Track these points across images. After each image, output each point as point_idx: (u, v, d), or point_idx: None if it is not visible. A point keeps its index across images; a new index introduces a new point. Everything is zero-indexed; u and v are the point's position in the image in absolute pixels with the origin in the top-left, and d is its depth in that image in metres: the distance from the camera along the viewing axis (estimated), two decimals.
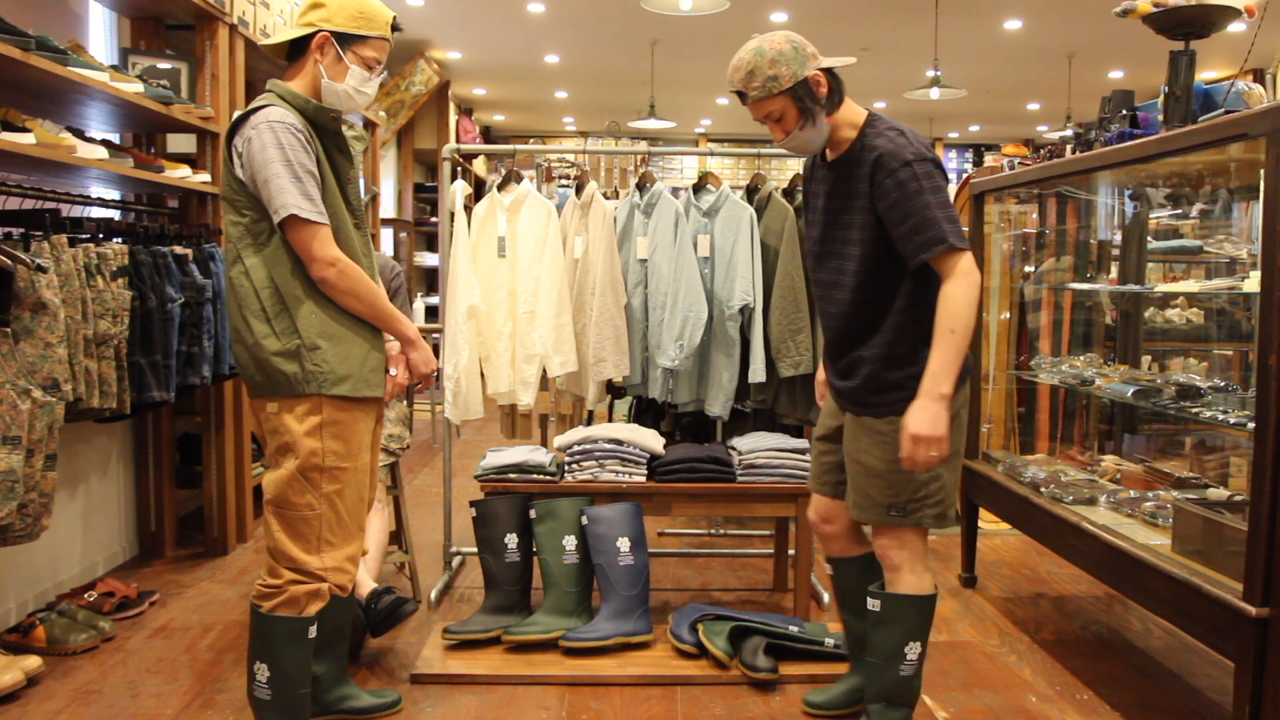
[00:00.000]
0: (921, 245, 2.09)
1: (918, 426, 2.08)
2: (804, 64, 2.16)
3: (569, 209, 3.67)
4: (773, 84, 2.15)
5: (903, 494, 2.23)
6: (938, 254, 2.08)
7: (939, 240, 2.07)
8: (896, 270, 2.20)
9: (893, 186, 2.11)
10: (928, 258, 2.09)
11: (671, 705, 2.69)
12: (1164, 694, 2.81)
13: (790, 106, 2.18)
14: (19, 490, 2.49)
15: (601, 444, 3.21)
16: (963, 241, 2.08)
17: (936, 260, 2.09)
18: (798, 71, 2.15)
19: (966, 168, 13.32)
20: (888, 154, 2.13)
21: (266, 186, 2.10)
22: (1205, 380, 3.00)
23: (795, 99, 2.16)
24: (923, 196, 2.09)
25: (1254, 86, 2.86)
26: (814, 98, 2.16)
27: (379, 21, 2.25)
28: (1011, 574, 3.91)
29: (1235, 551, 2.25)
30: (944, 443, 2.09)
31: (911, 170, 2.10)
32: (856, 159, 2.20)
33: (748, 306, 3.46)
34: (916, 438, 2.08)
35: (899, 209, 2.11)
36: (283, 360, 2.15)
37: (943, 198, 2.11)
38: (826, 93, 2.18)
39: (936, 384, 2.08)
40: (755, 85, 2.17)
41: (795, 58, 2.15)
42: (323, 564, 2.23)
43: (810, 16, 7.50)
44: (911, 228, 2.09)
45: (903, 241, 2.12)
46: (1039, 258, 4.27)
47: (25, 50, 2.62)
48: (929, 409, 2.08)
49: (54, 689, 2.73)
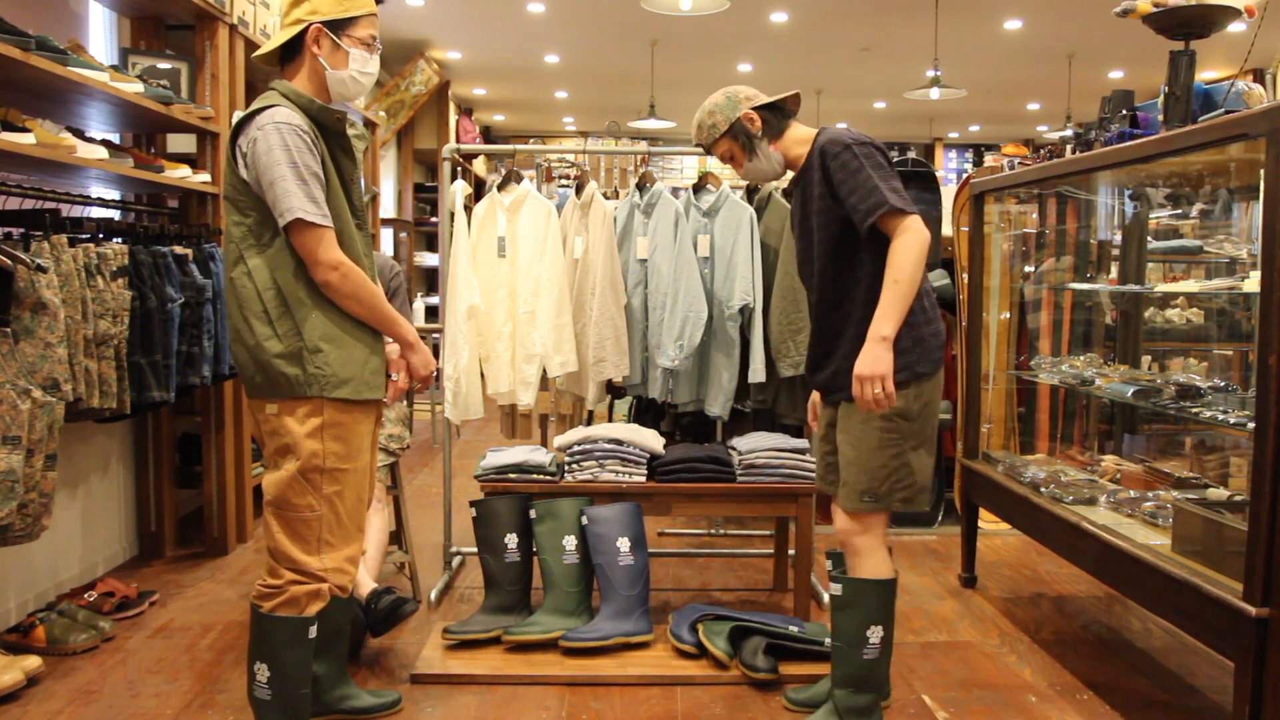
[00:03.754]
0: (867, 211, 2.30)
1: (860, 367, 2.25)
2: (736, 108, 2.50)
3: (569, 209, 3.67)
4: (713, 130, 2.53)
5: (875, 480, 2.37)
6: (882, 214, 2.28)
7: (881, 203, 2.28)
8: (857, 255, 2.39)
9: (838, 168, 2.35)
10: (874, 220, 2.29)
11: (671, 705, 2.69)
12: (1164, 694, 2.81)
13: (733, 145, 2.53)
14: (19, 490, 2.49)
15: (601, 444, 3.21)
16: (905, 204, 2.29)
17: (882, 222, 2.29)
18: (730, 115, 2.50)
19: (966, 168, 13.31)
20: (829, 143, 2.38)
21: (272, 189, 2.09)
22: (1205, 380, 3.00)
23: (733, 137, 2.52)
24: (864, 170, 2.32)
25: (1254, 86, 2.86)
26: (748, 133, 2.50)
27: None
28: (1011, 574, 3.91)
29: (1235, 551, 2.25)
30: (887, 380, 2.23)
31: (851, 151, 2.34)
32: (810, 163, 2.47)
33: (748, 306, 3.46)
34: (860, 377, 2.25)
35: (845, 185, 2.34)
36: (284, 362, 2.15)
37: (884, 172, 2.33)
38: (761, 125, 2.50)
39: (879, 327, 2.25)
40: (703, 135, 2.56)
41: (727, 105, 2.51)
42: (322, 564, 2.23)
43: (810, 16, 7.50)
44: (859, 199, 2.31)
45: (854, 213, 2.33)
46: (1039, 258, 4.27)
47: (25, 50, 2.62)
48: (870, 350, 2.25)
49: (54, 689, 2.73)
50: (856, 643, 2.40)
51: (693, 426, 3.95)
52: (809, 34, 8.06)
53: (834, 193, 2.37)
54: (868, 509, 2.38)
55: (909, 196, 2.35)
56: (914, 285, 2.26)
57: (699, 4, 6.04)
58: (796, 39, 8.20)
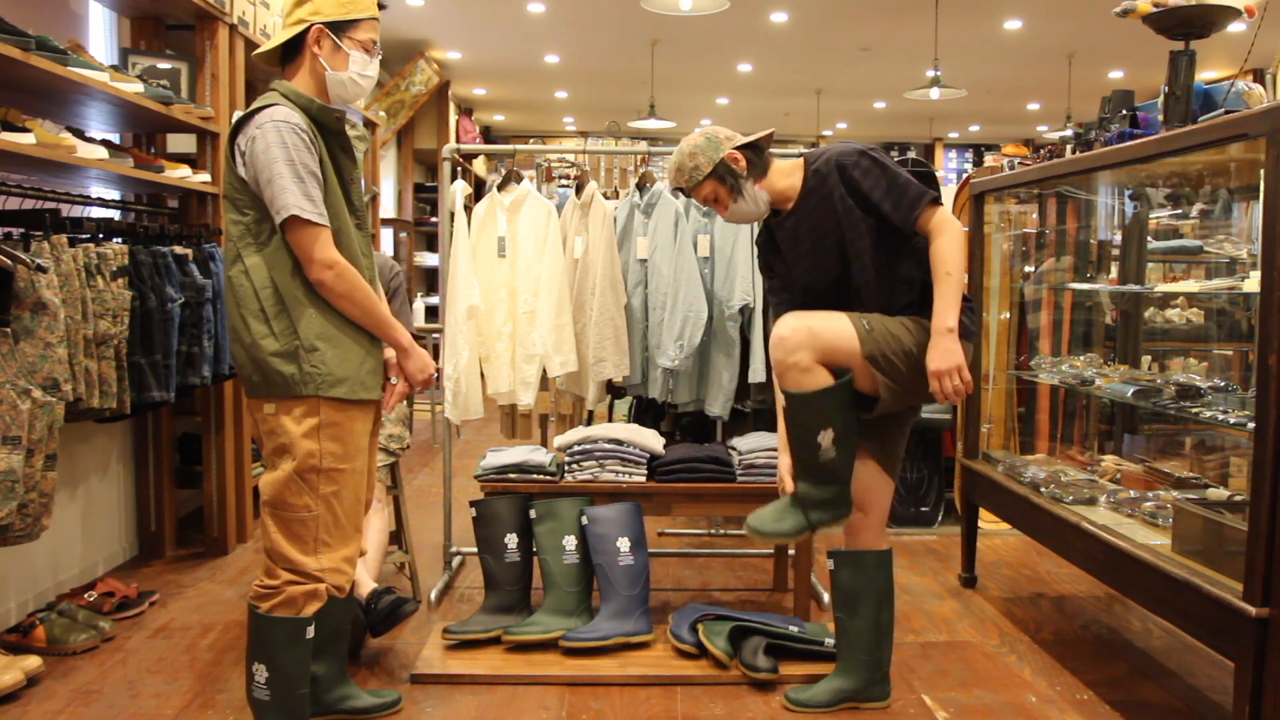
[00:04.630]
0: (909, 207, 2.37)
1: (936, 362, 2.31)
2: (718, 149, 2.49)
3: (569, 209, 3.67)
4: (695, 173, 2.51)
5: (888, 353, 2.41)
6: (923, 208, 2.36)
7: (919, 196, 2.36)
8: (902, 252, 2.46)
9: (861, 175, 2.40)
10: (919, 214, 2.36)
11: (671, 705, 2.69)
12: (1164, 694, 2.81)
13: (718, 186, 2.51)
14: (19, 490, 2.49)
15: (601, 444, 3.21)
16: (934, 196, 2.39)
17: (922, 217, 2.37)
18: (713, 156, 2.48)
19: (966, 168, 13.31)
20: (841, 156, 2.43)
21: (269, 186, 2.10)
22: (1205, 380, 3.00)
23: (719, 179, 2.50)
24: (888, 170, 2.39)
25: (1254, 86, 2.86)
26: (733, 174, 2.49)
27: (365, 2, 2.25)
28: (1011, 574, 3.91)
29: (1235, 551, 2.25)
30: (964, 370, 2.31)
31: (869, 158, 2.41)
32: (816, 185, 2.48)
33: (747, 306, 3.46)
34: (938, 372, 2.30)
35: (877, 190, 2.39)
36: (280, 361, 2.15)
37: (899, 169, 2.42)
38: (745, 166, 2.49)
39: (943, 320, 2.32)
40: (684, 178, 2.53)
41: (709, 146, 2.49)
42: (320, 565, 2.23)
43: (810, 16, 7.50)
44: (895, 199, 2.38)
45: (894, 211, 2.39)
46: (1039, 258, 4.27)
47: (25, 50, 2.62)
48: (940, 344, 2.32)
49: (54, 689, 2.73)
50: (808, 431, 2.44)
51: (693, 426, 3.95)
52: (809, 34, 8.06)
53: (863, 202, 2.40)
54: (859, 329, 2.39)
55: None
56: (964, 275, 2.38)
57: (699, 4, 6.04)
58: (796, 39, 8.20)
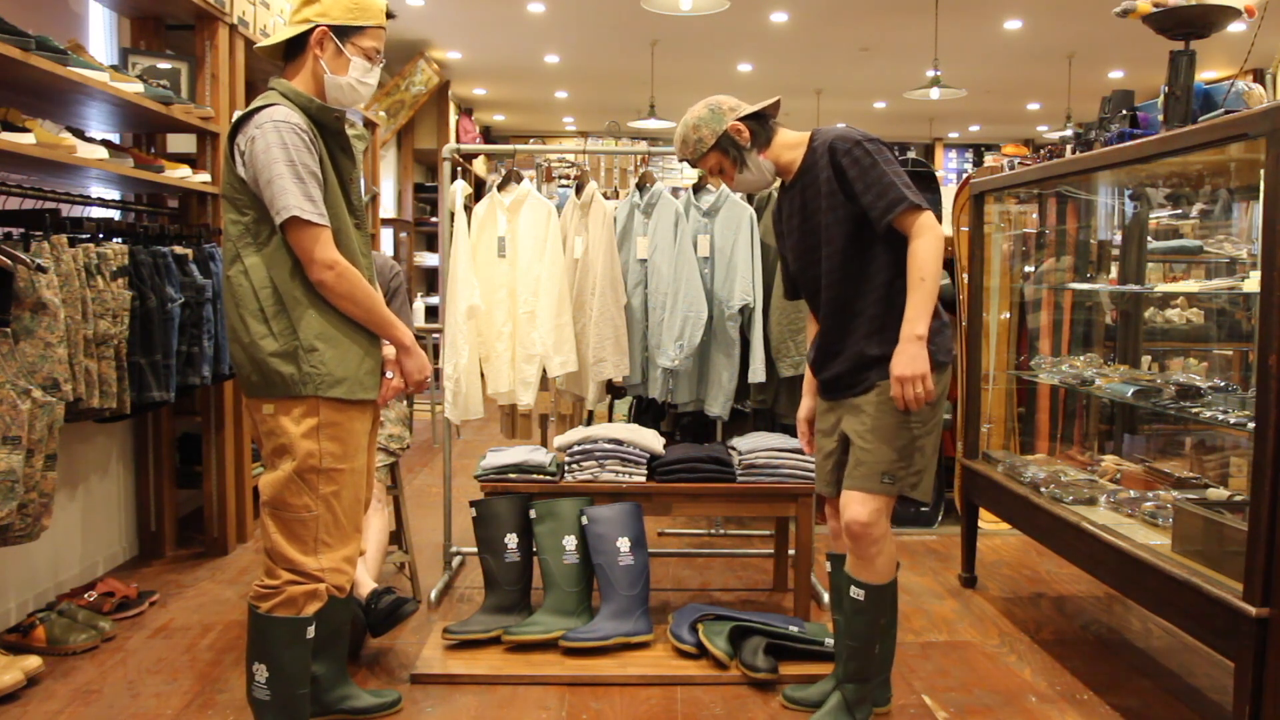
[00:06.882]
0: (886, 208, 2.31)
1: (900, 368, 2.28)
2: (721, 120, 2.47)
3: (569, 209, 3.67)
4: (700, 145, 2.49)
5: (894, 461, 2.38)
6: (900, 211, 2.30)
7: (899, 199, 2.30)
8: (869, 253, 2.40)
9: (850, 164, 2.35)
10: (893, 217, 2.31)
11: (671, 705, 2.69)
12: (1164, 694, 2.81)
13: (722, 158, 2.50)
14: (19, 490, 2.49)
15: (601, 444, 3.21)
16: (920, 200, 2.32)
17: (900, 219, 2.31)
18: (716, 128, 2.47)
19: (966, 168, 13.31)
20: (838, 140, 2.38)
21: (269, 186, 2.10)
22: (1205, 380, 3.00)
23: (722, 151, 2.48)
24: (878, 167, 2.33)
25: (1254, 86, 2.86)
26: (737, 145, 2.47)
27: (374, 10, 2.25)
28: (1011, 574, 3.91)
29: (1235, 551, 2.25)
30: (927, 379, 2.26)
31: (863, 148, 2.35)
32: (812, 163, 2.45)
33: (747, 306, 3.46)
34: (901, 378, 2.27)
35: (861, 182, 2.34)
36: (279, 361, 2.15)
37: (895, 167, 2.35)
38: (749, 136, 2.47)
39: (912, 327, 2.28)
40: (688, 150, 2.51)
41: (712, 118, 2.47)
42: (319, 565, 2.23)
43: (810, 16, 7.50)
44: (875, 195, 2.33)
45: (870, 209, 2.34)
46: (1039, 258, 4.27)
47: (25, 50, 2.62)
48: (907, 350, 2.28)
49: (54, 689, 2.73)
50: (870, 641, 2.47)
51: (693, 426, 3.95)
52: (809, 34, 8.06)
53: (846, 190, 2.36)
54: (884, 490, 2.38)
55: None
56: (938, 282, 2.29)
57: (699, 4, 6.04)
58: (796, 39, 8.20)
